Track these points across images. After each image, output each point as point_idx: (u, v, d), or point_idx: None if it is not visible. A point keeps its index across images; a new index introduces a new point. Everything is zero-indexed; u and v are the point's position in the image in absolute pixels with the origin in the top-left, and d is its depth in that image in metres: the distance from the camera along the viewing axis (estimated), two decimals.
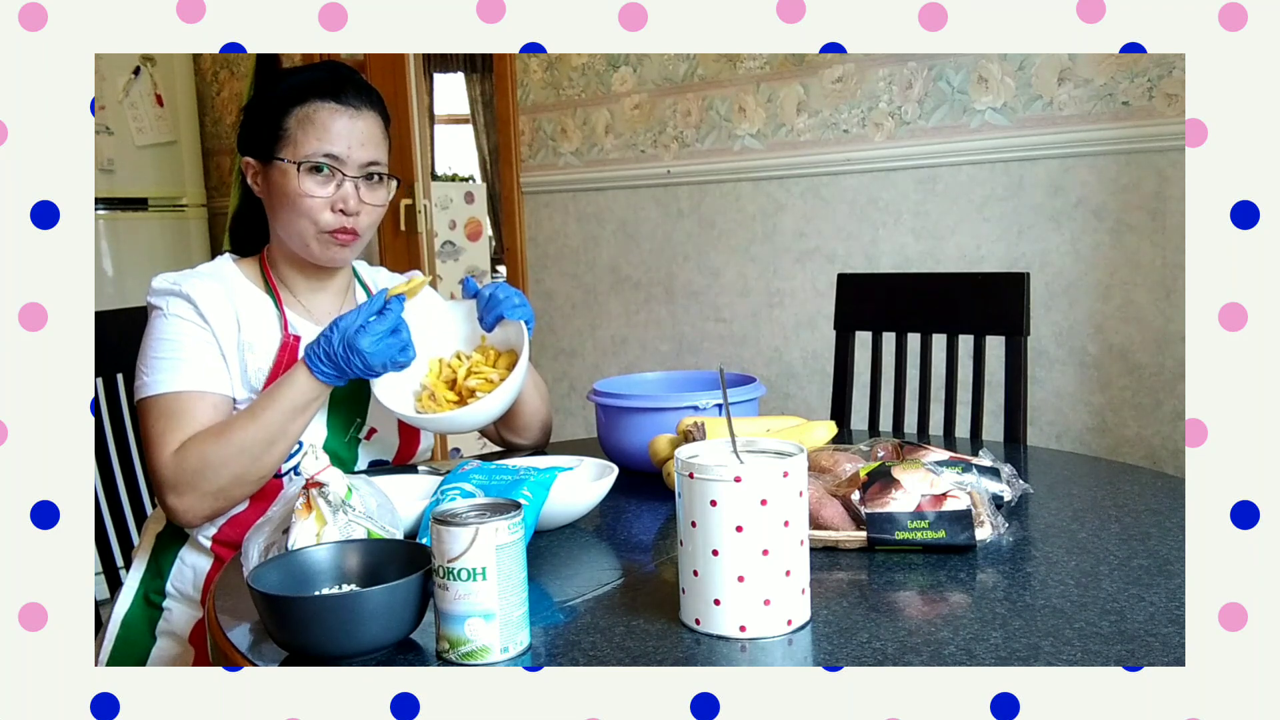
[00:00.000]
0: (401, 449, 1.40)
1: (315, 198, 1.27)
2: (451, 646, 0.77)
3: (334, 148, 1.27)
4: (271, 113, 1.29)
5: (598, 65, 2.90)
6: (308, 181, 1.27)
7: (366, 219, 1.31)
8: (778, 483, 0.79)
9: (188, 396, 1.22)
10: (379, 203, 1.33)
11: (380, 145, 1.33)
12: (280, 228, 1.32)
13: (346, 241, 1.30)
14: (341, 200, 1.28)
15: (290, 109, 1.28)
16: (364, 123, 1.30)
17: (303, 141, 1.27)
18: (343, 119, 1.28)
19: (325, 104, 1.28)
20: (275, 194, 1.30)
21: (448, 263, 4.34)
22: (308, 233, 1.29)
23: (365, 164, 1.30)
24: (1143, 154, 2.11)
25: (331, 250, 1.31)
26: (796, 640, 0.80)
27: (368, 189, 1.30)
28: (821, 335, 2.57)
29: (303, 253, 1.32)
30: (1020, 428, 1.64)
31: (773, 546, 0.79)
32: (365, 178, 1.30)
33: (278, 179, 1.29)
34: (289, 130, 1.28)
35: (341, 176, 1.28)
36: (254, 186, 1.34)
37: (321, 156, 1.27)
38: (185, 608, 1.29)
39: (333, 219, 1.28)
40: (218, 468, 1.18)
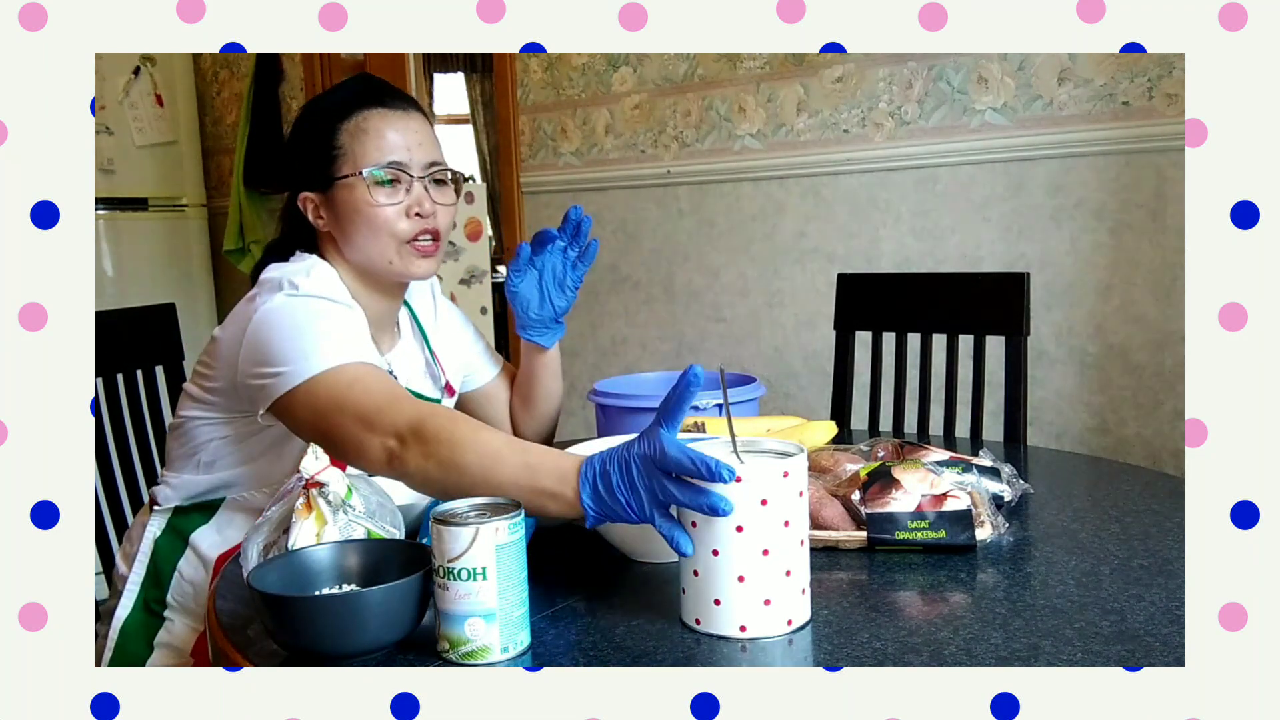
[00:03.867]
0: None
1: (389, 206, 1.22)
2: (451, 646, 0.77)
3: (395, 154, 1.22)
4: (319, 138, 1.24)
5: (598, 65, 2.90)
6: (378, 193, 1.21)
7: (444, 220, 1.26)
8: (778, 483, 0.79)
9: (374, 370, 1.07)
10: (450, 202, 1.28)
11: (436, 144, 1.28)
12: (355, 251, 1.25)
13: (429, 250, 1.25)
14: (416, 205, 1.23)
15: (338, 127, 1.23)
16: (416, 123, 1.26)
17: (362, 153, 1.22)
18: (396, 122, 1.23)
19: (373, 111, 1.23)
20: (345, 217, 1.23)
21: (448, 262, 4.32)
22: (389, 248, 1.23)
23: (429, 164, 1.25)
24: (1143, 154, 2.11)
25: (415, 263, 1.25)
26: (796, 640, 0.80)
27: (437, 190, 1.26)
28: (821, 335, 2.57)
29: (386, 272, 1.25)
30: (1020, 428, 1.64)
31: (773, 546, 0.79)
32: (434, 179, 1.25)
33: (343, 200, 1.23)
34: (343, 146, 1.22)
35: (410, 180, 1.23)
36: (319, 224, 1.26)
37: (386, 165, 1.21)
38: (187, 620, 1.27)
39: (410, 226, 1.23)
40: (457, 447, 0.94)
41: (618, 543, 0.99)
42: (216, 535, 1.27)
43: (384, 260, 1.24)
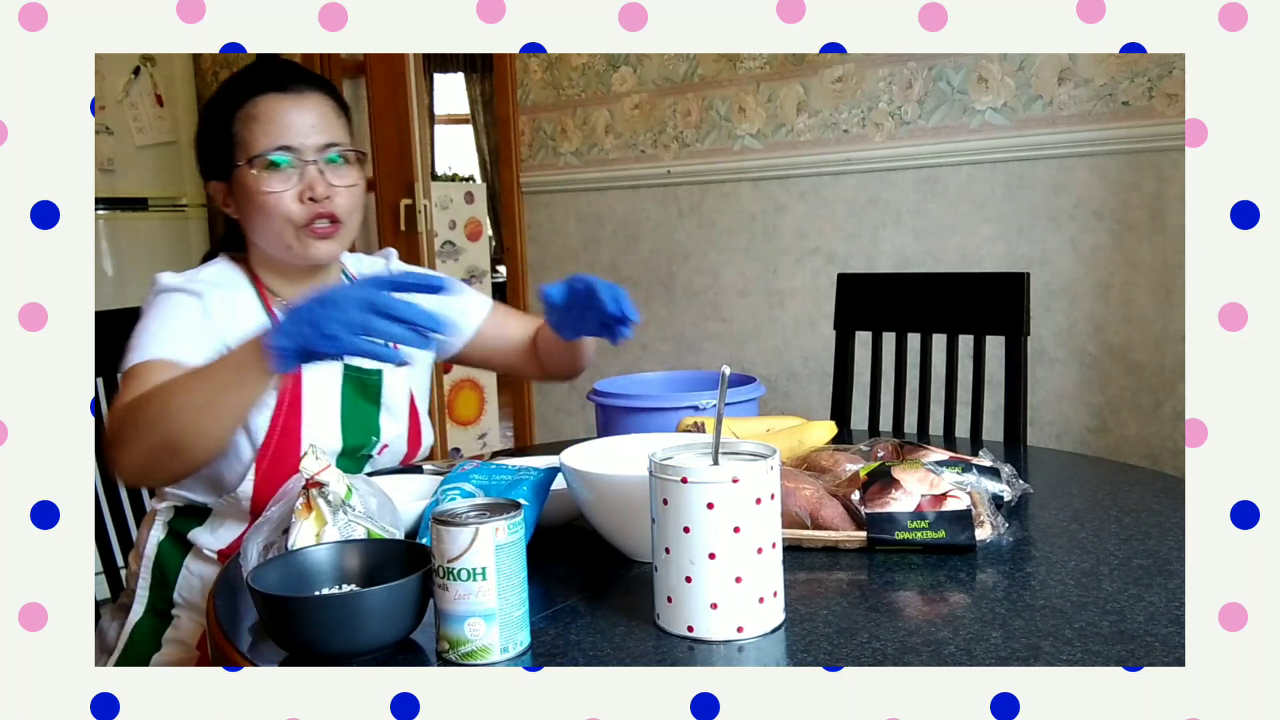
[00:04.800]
0: (407, 455, 1.39)
1: (282, 191, 1.20)
2: (451, 646, 0.77)
3: (286, 138, 1.20)
4: (218, 125, 1.23)
5: (598, 65, 2.90)
6: (270, 179, 1.20)
7: (343, 202, 1.23)
8: (769, 481, 0.80)
9: (167, 364, 1.11)
10: (349, 183, 1.24)
11: (336, 125, 1.25)
12: (259, 238, 1.26)
13: (327, 233, 1.23)
14: (308, 188, 1.21)
15: (234, 114, 1.22)
16: (311, 104, 1.23)
17: (252, 140, 1.21)
18: (288, 106, 1.22)
19: (266, 97, 1.22)
20: (244, 205, 1.24)
21: (448, 262, 4.33)
22: (286, 233, 1.22)
23: (323, 146, 1.22)
24: (1143, 154, 2.11)
25: (312, 246, 1.23)
26: (796, 640, 0.80)
27: (334, 172, 1.23)
28: (821, 335, 2.57)
29: (285, 256, 1.25)
30: (1020, 428, 1.64)
31: (720, 551, 0.79)
32: (329, 161, 1.23)
33: (240, 188, 1.23)
34: (237, 134, 1.22)
35: (302, 164, 1.21)
36: (229, 211, 1.27)
37: (275, 149, 1.20)
38: (194, 615, 1.28)
39: (304, 210, 1.21)
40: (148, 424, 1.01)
41: (618, 543, 0.99)
42: (211, 536, 1.28)
43: (283, 246, 1.23)
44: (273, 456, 1.24)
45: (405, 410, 1.37)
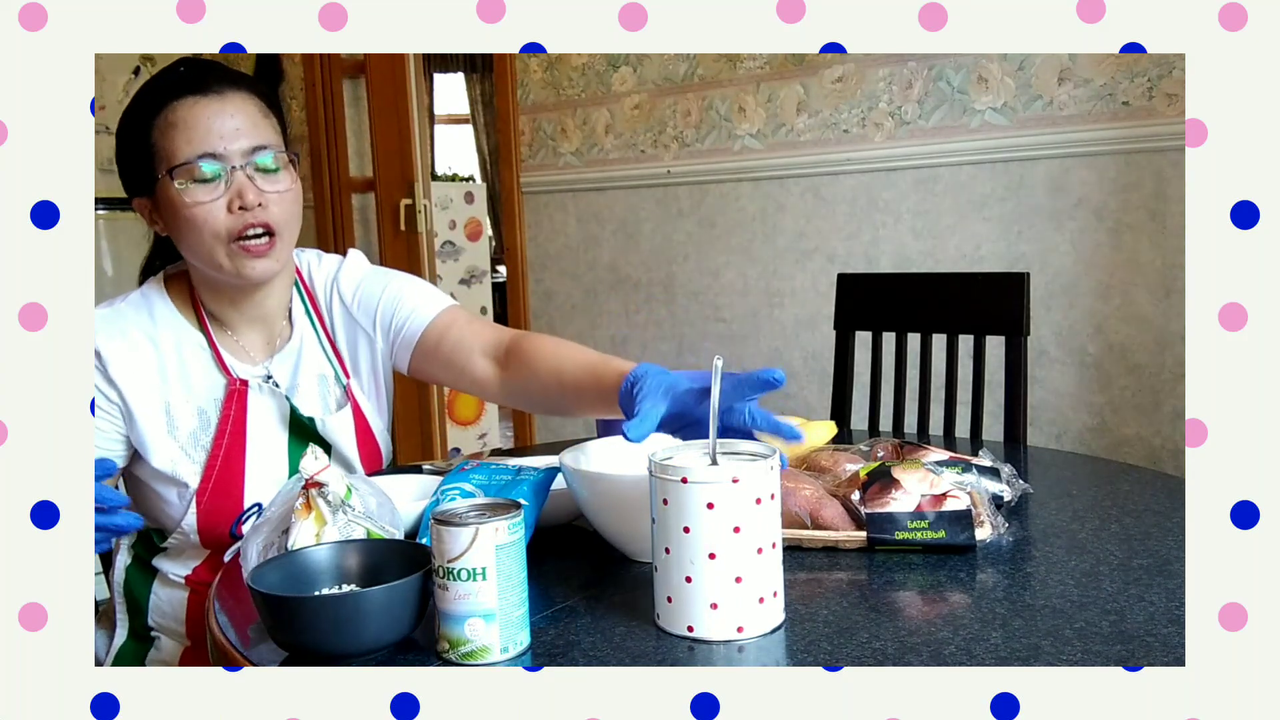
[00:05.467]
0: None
1: (207, 203, 1.10)
2: (451, 646, 0.77)
3: (209, 144, 1.10)
4: (136, 136, 1.14)
5: (598, 65, 2.90)
6: (195, 190, 1.10)
7: (277, 211, 1.13)
8: (769, 481, 0.80)
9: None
10: (282, 189, 1.14)
11: (263, 126, 1.15)
12: (190, 254, 1.16)
13: (261, 250, 1.12)
14: (237, 196, 1.11)
15: (152, 122, 1.12)
16: (234, 106, 1.12)
17: (173, 149, 1.10)
18: (209, 109, 1.11)
19: (184, 100, 1.11)
20: (170, 220, 1.13)
21: (448, 262, 4.34)
22: (216, 249, 1.12)
23: (250, 150, 1.12)
24: (1143, 154, 2.11)
25: (246, 265, 1.13)
26: (796, 640, 0.80)
27: (265, 178, 1.13)
28: (821, 335, 2.57)
29: (219, 275, 1.15)
30: (1020, 428, 1.64)
31: (720, 551, 0.79)
32: (259, 166, 1.12)
33: (165, 203, 1.13)
34: (156, 144, 1.11)
35: (229, 171, 1.11)
36: (157, 229, 1.18)
37: (198, 157, 1.10)
38: (172, 640, 1.25)
39: (233, 221, 1.11)
40: None
41: (618, 543, 0.99)
42: (173, 563, 1.25)
43: (214, 263, 1.14)
44: (214, 490, 1.19)
45: (352, 441, 1.29)
